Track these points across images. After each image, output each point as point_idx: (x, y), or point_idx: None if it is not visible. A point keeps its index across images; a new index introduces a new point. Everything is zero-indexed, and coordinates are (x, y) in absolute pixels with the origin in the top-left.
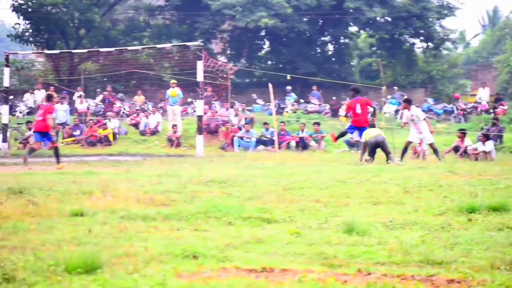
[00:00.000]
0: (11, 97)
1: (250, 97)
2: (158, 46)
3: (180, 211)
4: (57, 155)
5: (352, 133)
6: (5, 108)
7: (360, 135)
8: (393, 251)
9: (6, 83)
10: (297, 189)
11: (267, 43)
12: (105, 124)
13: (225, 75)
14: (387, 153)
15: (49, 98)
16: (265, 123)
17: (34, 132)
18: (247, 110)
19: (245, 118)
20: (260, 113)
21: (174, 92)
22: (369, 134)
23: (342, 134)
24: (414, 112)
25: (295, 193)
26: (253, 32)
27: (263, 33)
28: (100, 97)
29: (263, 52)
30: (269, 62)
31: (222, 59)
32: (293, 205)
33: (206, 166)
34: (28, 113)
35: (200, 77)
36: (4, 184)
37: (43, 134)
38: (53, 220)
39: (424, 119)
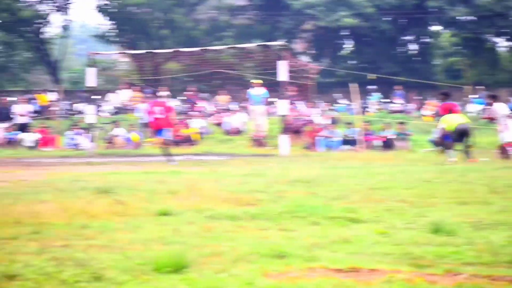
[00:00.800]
0: (96, 97)
1: (333, 97)
2: (240, 46)
3: (266, 211)
4: (167, 153)
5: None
6: (90, 108)
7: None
8: (482, 251)
9: (91, 83)
10: (382, 189)
11: (350, 42)
12: (189, 124)
13: (307, 75)
14: (468, 144)
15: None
16: (348, 123)
17: (156, 130)
18: (331, 109)
19: (329, 118)
20: (343, 113)
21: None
22: (456, 121)
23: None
24: (498, 108)
25: (381, 193)
26: (335, 31)
27: (345, 33)
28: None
29: (345, 51)
30: (352, 62)
31: (304, 58)
32: (379, 205)
33: (291, 166)
34: (114, 113)
35: (283, 76)
36: (91, 183)
37: (162, 130)
38: (140, 219)
39: (508, 115)
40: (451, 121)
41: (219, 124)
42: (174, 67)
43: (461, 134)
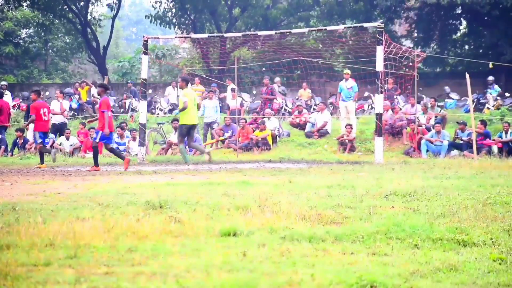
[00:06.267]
0: (150, 91)
1: (442, 90)
2: (329, 28)
3: (355, 231)
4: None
5: None
6: (142, 105)
7: None
8: None
9: (144, 74)
10: (500, 204)
11: (464, 23)
12: (262, 124)
13: (410, 64)
14: None
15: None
16: (460, 123)
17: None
18: (438, 106)
19: (435, 117)
20: (454, 110)
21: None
22: None
23: None
24: None
25: (497, 209)
26: (446, 9)
27: (458, 11)
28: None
29: (458, 34)
30: (466, 47)
31: (407, 43)
32: (496, 224)
33: (386, 176)
34: (170, 111)
35: (379, 66)
36: (142, 196)
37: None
38: (200, 240)
39: None
40: None
41: (299, 125)
42: (246, 55)
43: None
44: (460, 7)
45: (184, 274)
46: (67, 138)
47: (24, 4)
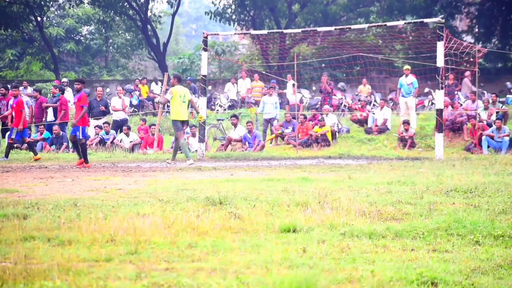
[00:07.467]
0: (210, 87)
1: (503, 86)
2: (389, 24)
3: (415, 227)
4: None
5: None
6: (202, 101)
7: None
8: None
9: (204, 70)
10: None
11: None
12: (322, 120)
13: (471, 59)
14: None
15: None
16: None
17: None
18: (499, 102)
19: (497, 113)
20: None
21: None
22: None
23: None
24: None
25: None
26: (508, 4)
27: None
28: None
29: None
30: None
31: (468, 39)
32: None
33: (447, 172)
34: (230, 107)
35: (440, 61)
36: (202, 193)
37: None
38: (260, 237)
39: None
40: None
41: (358, 121)
42: (305, 51)
43: None
44: None
45: (244, 270)
46: (127, 135)
47: (85, 1)
